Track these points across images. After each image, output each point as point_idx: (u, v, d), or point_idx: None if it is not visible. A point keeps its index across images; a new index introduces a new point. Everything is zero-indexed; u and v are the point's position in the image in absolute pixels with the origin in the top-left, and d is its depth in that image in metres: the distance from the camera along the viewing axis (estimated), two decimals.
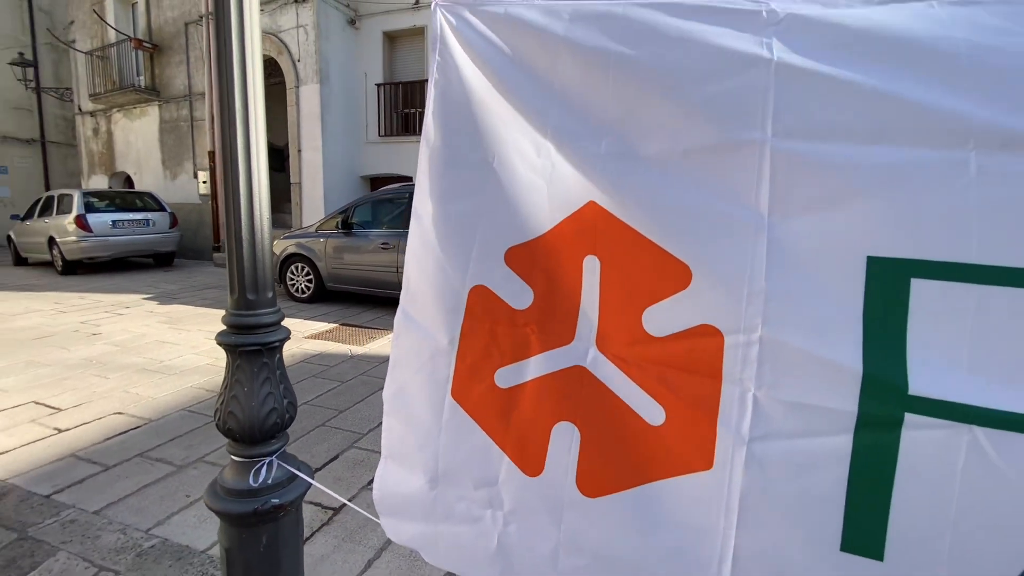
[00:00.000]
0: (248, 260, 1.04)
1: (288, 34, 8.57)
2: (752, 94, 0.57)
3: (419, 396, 0.83)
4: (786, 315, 0.55)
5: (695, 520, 0.60)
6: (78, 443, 2.60)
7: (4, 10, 14.23)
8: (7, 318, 5.30)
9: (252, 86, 0.99)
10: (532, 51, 0.71)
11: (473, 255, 0.78)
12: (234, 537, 1.10)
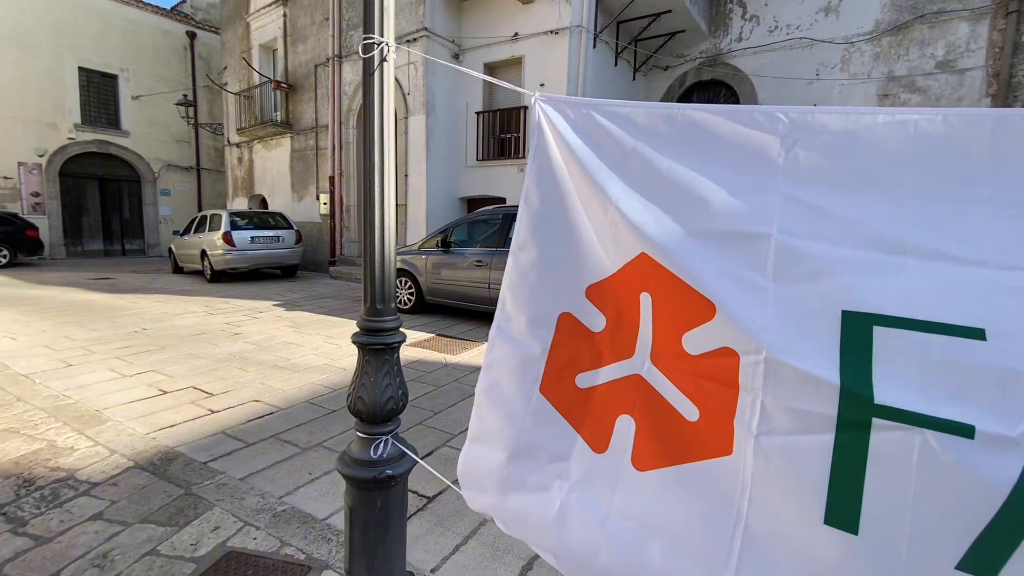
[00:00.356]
0: (379, 280, 1.31)
1: (400, 71, 9.48)
2: (766, 193, 0.77)
3: (510, 390, 1.03)
4: (784, 344, 0.73)
5: (718, 492, 0.77)
6: (226, 423, 3.14)
7: (173, 60, 17.18)
8: (171, 317, 6.39)
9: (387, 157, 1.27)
10: (604, 140, 0.91)
11: (562, 290, 1.00)
12: (356, 499, 1.36)
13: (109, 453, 2.61)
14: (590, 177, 0.91)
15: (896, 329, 0.65)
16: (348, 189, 11.40)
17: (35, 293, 8.18)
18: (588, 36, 8.40)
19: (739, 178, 0.81)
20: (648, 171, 0.89)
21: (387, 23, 1.24)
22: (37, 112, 14.36)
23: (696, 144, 0.85)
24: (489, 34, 9.21)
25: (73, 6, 14.89)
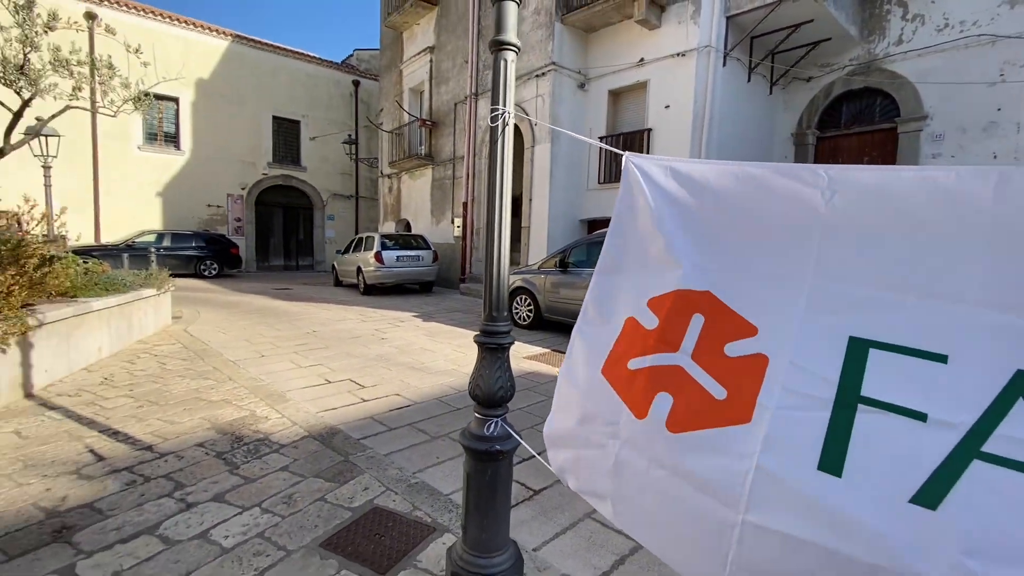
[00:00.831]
0: (495, 296, 1.66)
1: (528, 103, 10.17)
2: (808, 240, 0.98)
3: (582, 372, 1.32)
4: (805, 356, 0.97)
5: (737, 449, 1.00)
6: (374, 410, 3.77)
7: (341, 105, 20.20)
8: (333, 322, 7.60)
9: (505, 198, 1.63)
10: (680, 192, 1.17)
11: (630, 301, 1.27)
12: (473, 467, 1.71)
13: (291, 424, 3.33)
14: (663, 218, 1.18)
15: (885, 352, 0.89)
16: (479, 214, 12.37)
17: (236, 299, 10.24)
18: (717, 55, 8.27)
19: (788, 225, 1.02)
20: (716, 218, 1.13)
21: (508, 96, 1.61)
22: (241, 153, 17.92)
23: (755, 196, 1.07)
24: (614, 62, 9.50)
25: (271, 68, 18.43)
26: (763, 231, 1.05)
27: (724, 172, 1.12)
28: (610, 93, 9.71)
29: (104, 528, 2.08)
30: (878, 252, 0.90)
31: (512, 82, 1.61)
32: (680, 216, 1.16)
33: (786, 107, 9.99)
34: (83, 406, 3.50)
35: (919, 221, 0.86)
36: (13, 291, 3.33)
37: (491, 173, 1.66)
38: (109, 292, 4.87)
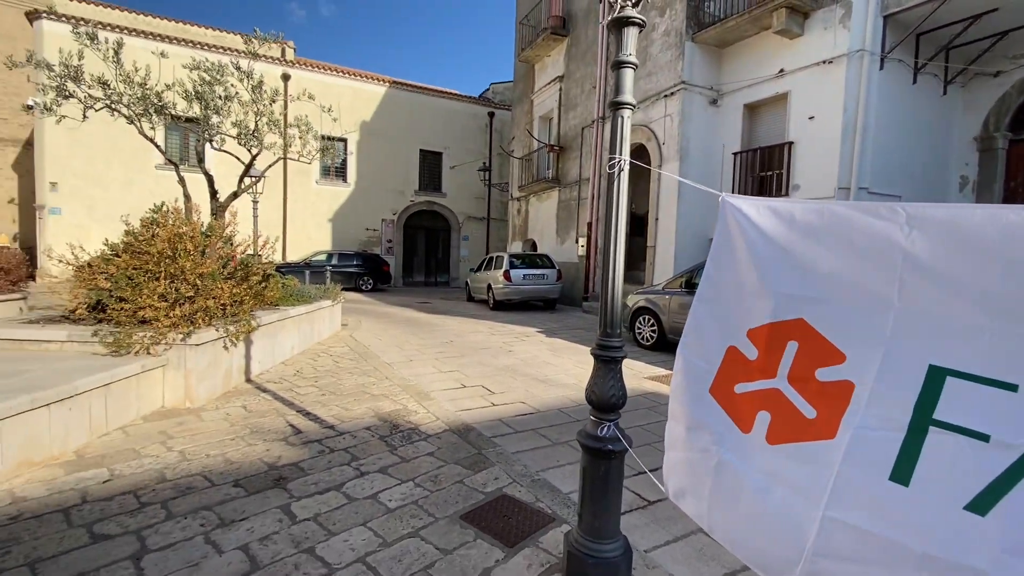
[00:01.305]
0: (609, 315, 1.94)
1: (656, 123, 10.19)
2: (891, 272, 1.10)
3: (690, 390, 1.52)
4: (887, 383, 1.10)
5: (822, 459, 1.16)
6: (502, 414, 4.21)
7: (477, 135, 21.88)
8: (467, 334, 8.36)
9: (620, 226, 1.91)
10: (768, 227, 1.34)
11: (729, 330, 1.47)
12: (587, 462, 1.99)
13: (435, 419, 3.90)
14: (755, 252, 1.36)
15: (960, 379, 0.99)
16: (603, 233, 12.54)
17: (387, 310, 11.69)
18: (872, 59, 7.55)
19: (871, 258, 1.15)
20: (804, 252, 1.28)
21: (624, 147, 1.90)
22: (393, 183, 20.35)
23: (838, 231, 1.21)
24: (750, 75, 9.14)
25: (419, 106, 20.74)
26: (848, 264, 1.19)
27: (809, 210, 1.29)
28: (745, 107, 9.34)
29: (306, 482, 2.75)
30: (956, 284, 1.01)
31: (628, 134, 1.91)
32: (771, 251, 1.34)
33: (966, 108, 8.66)
34: (284, 391, 4.47)
35: (993, 255, 0.96)
36: (245, 300, 4.42)
37: (607, 209, 1.96)
38: (300, 302, 6.07)
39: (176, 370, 3.79)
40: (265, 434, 3.42)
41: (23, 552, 2.03)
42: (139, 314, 3.74)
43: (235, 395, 4.27)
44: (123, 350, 3.58)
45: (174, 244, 3.95)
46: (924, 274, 1.06)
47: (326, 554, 2.11)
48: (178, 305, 3.85)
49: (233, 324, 4.27)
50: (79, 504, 2.41)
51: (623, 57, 1.90)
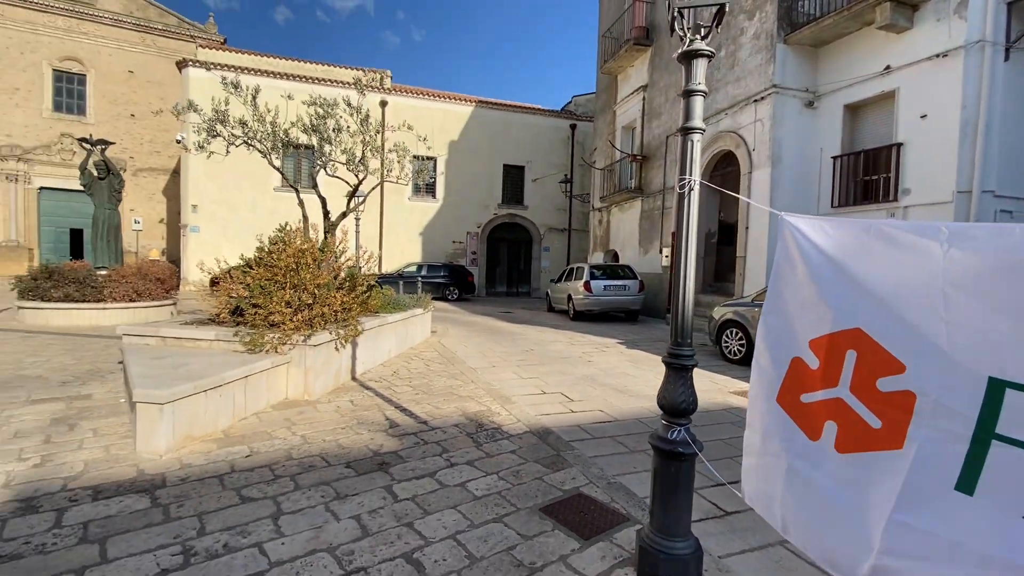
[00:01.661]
0: (679, 325, 2.08)
1: (746, 129, 9.84)
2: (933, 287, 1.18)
3: (762, 399, 1.64)
4: (949, 395, 1.16)
5: (890, 467, 1.24)
6: (580, 420, 4.37)
7: (559, 148, 22.18)
8: (547, 343, 8.59)
9: (691, 243, 2.05)
10: (823, 243, 1.44)
11: (794, 341, 1.56)
12: (659, 463, 2.12)
13: (516, 421, 4.15)
14: (814, 269, 1.45)
15: (1019, 392, 1.05)
16: None
17: (471, 319, 12.24)
18: (995, 50, 6.81)
19: (914, 273, 1.22)
20: (857, 266, 1.37)
21: (695, 169, 2.04)
22: (478, 198, 21.20)
23: (884, 247, 1.30)
24: (850, 74, 8.58)
25: (503, 123, 21.50)
26: (897, 277, 1.27)
27: (858, 226, 1.39)
28: (846, 108, 8.75)
29: (404, 468, 3.12)
30: (997, 300, 1.07)
31: (697, 157, 2.05)
32: (827, 264, 1.44)
33: None
34: (383, 389, 4.97)
35: None
36: (352, 308, 5.01)
37: (678, 227, 2.11)
38: (396, 310, 6.66)
39: (297, 367, 4.40)
40: (369, 425, 3.88)
41: (192, 506, 2.55)
42: (269, 318, 4.40)
43: (343, 391, 4.83)
44: (257, 348, 4.24)
45: (297, 259, 4.60)
46: (964, 289, 1.13)
47: (422, 529, 2.43)
48: (300, 311, 4.48)
49: (343, 328, 4.84)
50: (229, 472, 2.95)
51: (693, 86, 2.06)
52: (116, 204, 9.20)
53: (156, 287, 9.15)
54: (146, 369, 3.62)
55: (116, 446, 3.25)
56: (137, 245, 21.35)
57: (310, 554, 2.17)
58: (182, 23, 22.83)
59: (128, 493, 2.64)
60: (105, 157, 9.20)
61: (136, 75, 21.80)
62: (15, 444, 3.23)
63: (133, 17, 21.76)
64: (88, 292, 8.42)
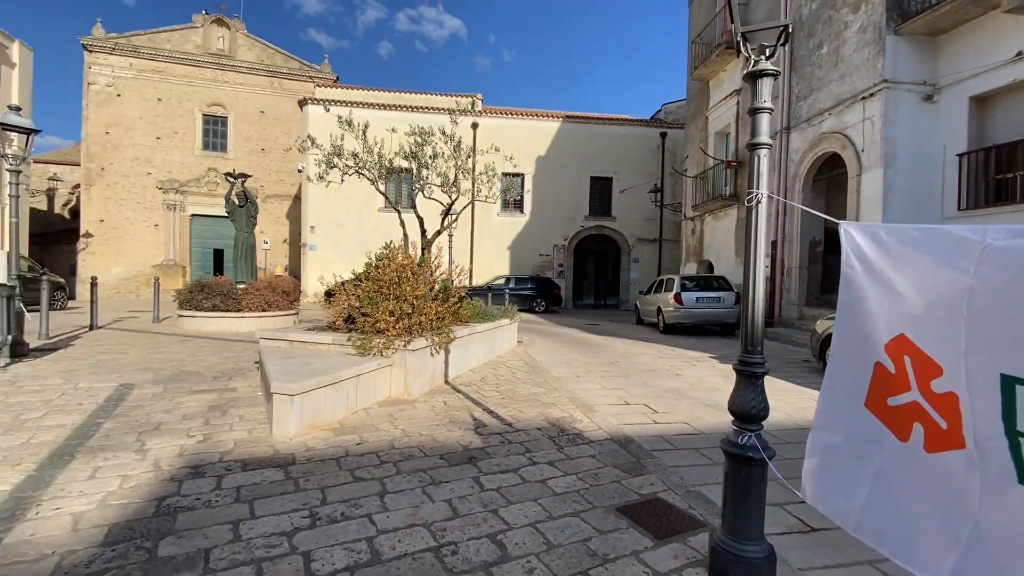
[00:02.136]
0: (750, 334, 2.15)
1: (853, 129, 9.14)
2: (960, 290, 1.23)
3: (842, 404, 1.68)
4: (973, 390, 1.21)
5: (964, 466, 1.28)
6: (663, 431, 4.39)
7: (648, 157, 21.78)
8: (633, 356, 8.54)
9: (759, 255, 2.13)
10: (876, 249, 1.50)
11: (870, 347, 1.61)
12: (729, 467, 2.19)
13: (597, 428, 4.29)
14: (871, 275, 1.51)
15: None
16: (790, 252, 11.50)
17: (557, 331, 12.44)
18: None
19: (949, 268, 1.27)
20: (904, 269, 1.42)
21: (762, 183, 2.13)
22: (565, 210, 21.45)
23: (930, 246, 1.35)
24: (975, 63, 7.68)
25: (589, 136, 21.62)
26: (933, 276, 1.33)
27: (910, 229, 1.44)
28: (972, 100, 7.84)
29: (490, 463, 3.41)
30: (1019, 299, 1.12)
31: (764, 171, 2.14)
32: (877, 272, 1.51)
33: None
34: (472, 393, 5.35)
35: None
36: (445, 317, 5.47)
37: (747, 239, 2.20)
38: (485, 320, 7.07)
39: (399, 369, 4.91)
40: (460, 424, 4.23)
41: (316, 480, 3.03)
42: (376, 326, 4.96)
43: (437, 392, 5.27)
44: (366, 352, 4.81)
45: (399, 273, 5.15)
46: (992, 289, 1.17)
47: (506, 516, 2.68)
48: (401, 320, 5.00)
49: (437, 336, 5.31)
50: (344, 456, 3.43)
51: (759, 104, 2.15)
52: (252, 228, 10.70)
53: (283, 299, 10.48)
54: (280, 367, 4.29)
55: (257, 430, 3.90)
56: (265, 262, 24.27)
57: (409, 527, 2.52)
58: (303, 66, 25.87)
59: (267, 467, 3.20)
60: (244, 188, 10.77)
61: (266, 114, 25.02)
62: (184, 424, 4.00)
63: (263, 65, 25.08)
64: (230, 303, 9.87)
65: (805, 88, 10.79)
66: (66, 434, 3.70)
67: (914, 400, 1.44)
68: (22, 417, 4.07)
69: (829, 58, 10.05)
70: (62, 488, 2.84)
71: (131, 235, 23.19)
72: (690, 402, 5.41)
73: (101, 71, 22.81)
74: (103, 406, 4.43)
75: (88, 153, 22.84)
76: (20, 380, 5.28)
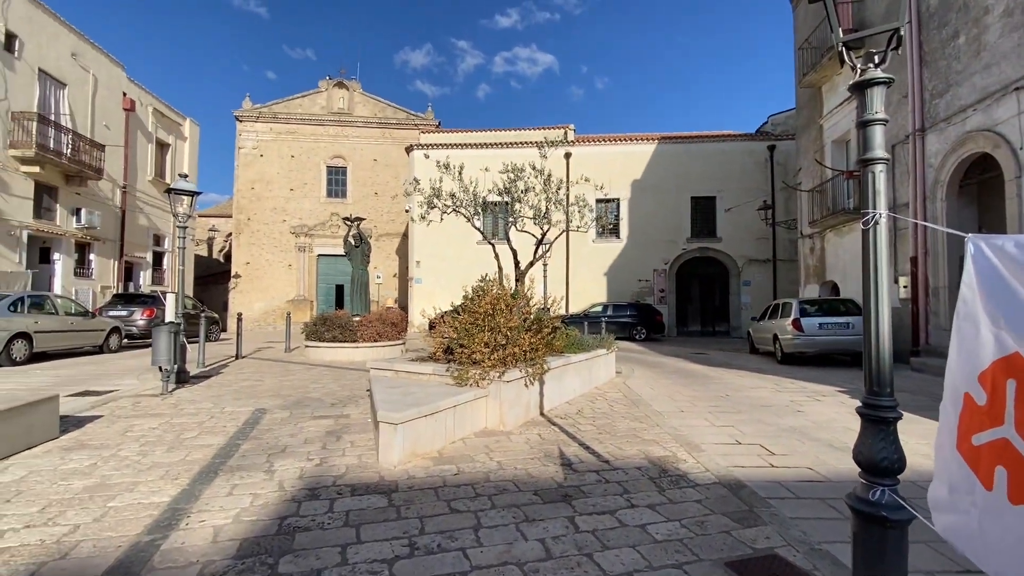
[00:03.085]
0: (875, 369, 1.89)
1: (1006, 124, 7.82)
2: None
3: (946, 446, 1.45)
4: None
5: None
6: (782, 476, 3.94)
7: (755, 172, 20.37)
8: (746, 389, 7.85)
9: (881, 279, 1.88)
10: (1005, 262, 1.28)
11: (966, 375, 1.39)
12: (858, 526, 1.91)
13: (704, 470, 3.97)
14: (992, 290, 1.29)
15: None
16: (935, 269, 9.98)
17: (660, 360, 11.86)
18: None
19: None
20: None
21: (879, 199, 1.89)
22: (664, 233, 20.69)
23: None
24: None
25: (687, 155, 20.83)
26: None
27: None
28: None
29: (586, 502, 3.29)
30: None
31: (882, 189, 1.90)
32: (1003, 284, 1.28)
33: None
34: (568, 426, 5.26)
35: None
36: (539, 348, 5.50)
37: (865, 264, 1.95)
38: (580, 350, 6.98)
39: (494, 400, 4.99)
40: (554, 459, 4.17)
41: (416, 509, 3.15)
42: (472, 357, 5.12)
43: (532, 424, 5.26)
44: (463, 383, 4.97)
45: (493, 305, 5.29)
46: None
47: (601, 561, 2.56)
48: (496, 351, 5.11)
49: (531, 367, 5.34)
50: (442, 486, 3.53)
51: (871, 116, 1.94)
52: (366, 266, 11.72)
53: (391, 329, 11.26)
54: (385, 396, 4.58)
55: (365, 455, 4.18)
56: (378, 295, 26.31)
57: (502, 564, 2.50)
58: (409, 116, 28.28)
59: (373, 493, 3.39)
60: (360, 230, 11.88)
61: (378, 161, 27.58)
62: (305, 448, 4.40)
63: (376, 118, 27.83)
64: (347, 334, 10.82)
65: (940, 84, 9.49)
66: (213, 453, 4.25)
67: (1003, 438, 1.23)
68: (182, 436, 4.76)
69: (968, 48, 8.79)
70: (207, 503, 3.25)
71: (270, 274, 26.54)
72: (814, 443, 4.82)
73: (248, 136, 26.84)
74: (242, 429, 5.04)
75: (238, 206, 26.77)
76: (181, 404, 6.21)
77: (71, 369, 9.49)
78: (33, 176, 14.63)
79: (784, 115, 21.62)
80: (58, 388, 7.32)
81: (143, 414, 5.63)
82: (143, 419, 5.40)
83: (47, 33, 15.47)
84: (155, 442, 4.56)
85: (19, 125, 14.09)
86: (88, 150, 16.25)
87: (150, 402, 6.22)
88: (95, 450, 4.31)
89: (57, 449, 4.32)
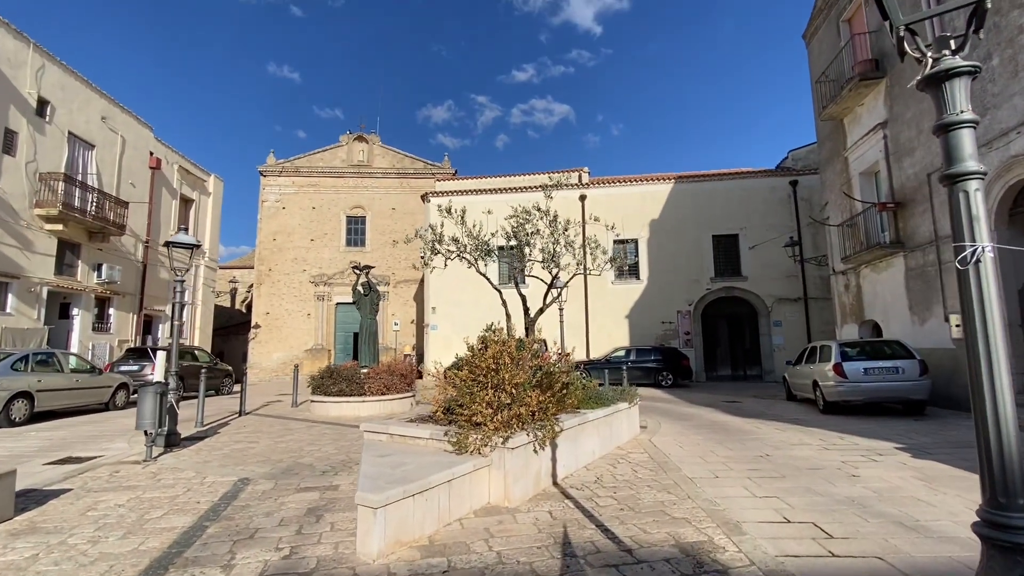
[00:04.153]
0: (997, 466, 1.28)
1: None
2: None
3: None
4: None
5: None
6: (846, 569, 3.17)
7: (779, 209, 19.73)
8: (788, 446, 6.98)
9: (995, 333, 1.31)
10: None
11: None
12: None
13: (749, 563, 3.24)
14: None
15: None
16: None
17: (689, 411, 10.96)
18: None
19: None
20: None
21: (978, 226, 1.35)
22: (686, 274, 19.98)
23: None
24: None
25: (707, 193, 20.38)
26: None
27: None
28: None
29: None
30: None
31: (982, 214, 1.36)
32: None
33: None
34: (585, 499, 4.56)
35: None
36: (548, 407, 4.89)
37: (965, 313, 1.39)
38: (598, 406, 6.31)
39: (497, 470, 4.36)
40: (566, 548, 3.49)
41: None
42: (473, 419, 4.54)
43: (543, 498, 4.58)
44: (462, 449, 4.37)
45: (497, 358, 4.75)
46: None
47: None
48: (499, 411, 4.53)
49: (540, 429, 4.71)
50: None
51: (953, 117, 1.44)
52: (374, 315, 11.36)
53: (400, 381, 10.73)
54: (371, 468, 4.02)
55: (343, 544, 3.57)
56: (396, 342, 26.00)
57: None
58: (426, 165, 28.81)
59: None
60: (369, 279, 11.61)
61: (396, 210, 27.92)
62: (277, 532, 3.82)
63: (395, 169, 28.42)
64: (354, 387, 10.32)
65: (976, 107, 8.92)
66: (172, 539, 3.71)
67: None
68: (146, 517, 4.24)
69: (1004, 69, 8.30)
70: None
71: (289, 324, 26.54)
72: (879, 521, 4.02)
73: (271, 190, 27.60)
74: (215, 506, 4.50)
75: (260, 257, 27.21)
76: (162, 472, 5.73)
77: (67, 430, 9.18)
78: (56, 233, 15.01)
79: (805, 149, 21.15)
80: (43, 454, 6.96)
81: (116, 487, 5.15)
82: (113, 493, 4.92)
83: (79, 99, 16.29)
84: (114, 525, 4.05)
85: (45, 185, 14.59)
86: (112, 207, 16.73)
87: (129, 471, 5.76)
88: (44, 535, 3.82)
89: (3, 534, 3.85)
